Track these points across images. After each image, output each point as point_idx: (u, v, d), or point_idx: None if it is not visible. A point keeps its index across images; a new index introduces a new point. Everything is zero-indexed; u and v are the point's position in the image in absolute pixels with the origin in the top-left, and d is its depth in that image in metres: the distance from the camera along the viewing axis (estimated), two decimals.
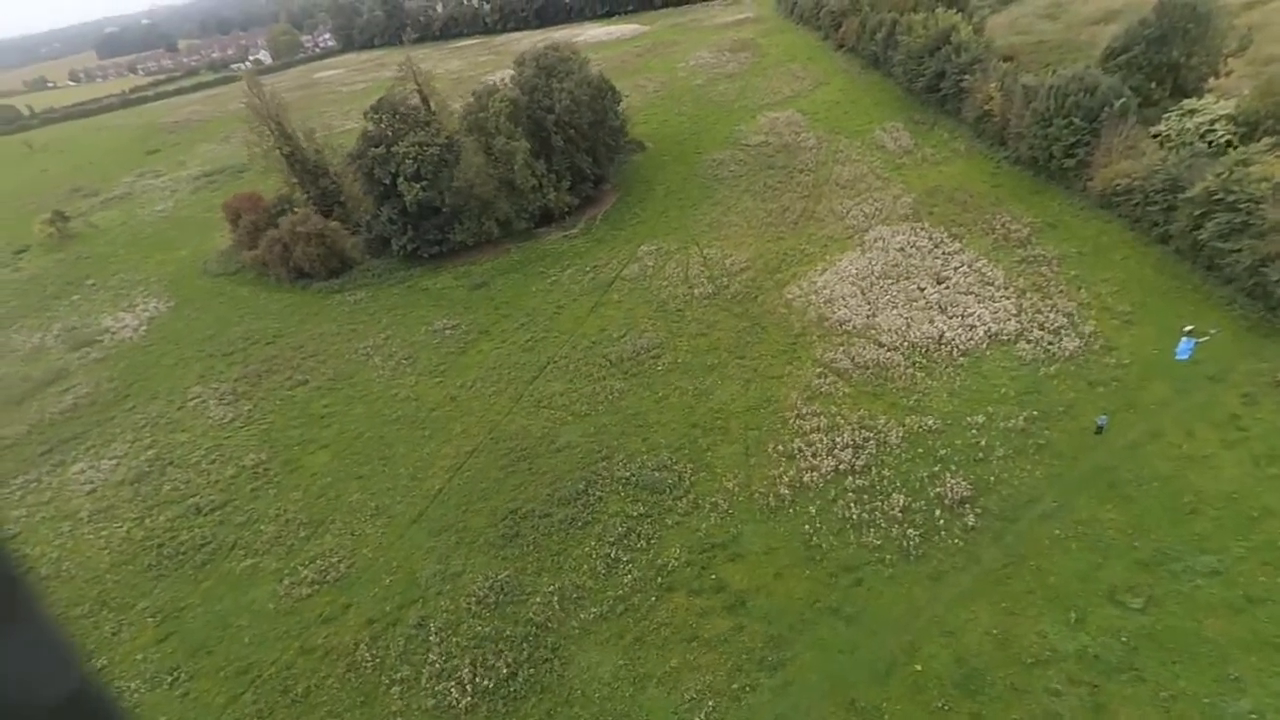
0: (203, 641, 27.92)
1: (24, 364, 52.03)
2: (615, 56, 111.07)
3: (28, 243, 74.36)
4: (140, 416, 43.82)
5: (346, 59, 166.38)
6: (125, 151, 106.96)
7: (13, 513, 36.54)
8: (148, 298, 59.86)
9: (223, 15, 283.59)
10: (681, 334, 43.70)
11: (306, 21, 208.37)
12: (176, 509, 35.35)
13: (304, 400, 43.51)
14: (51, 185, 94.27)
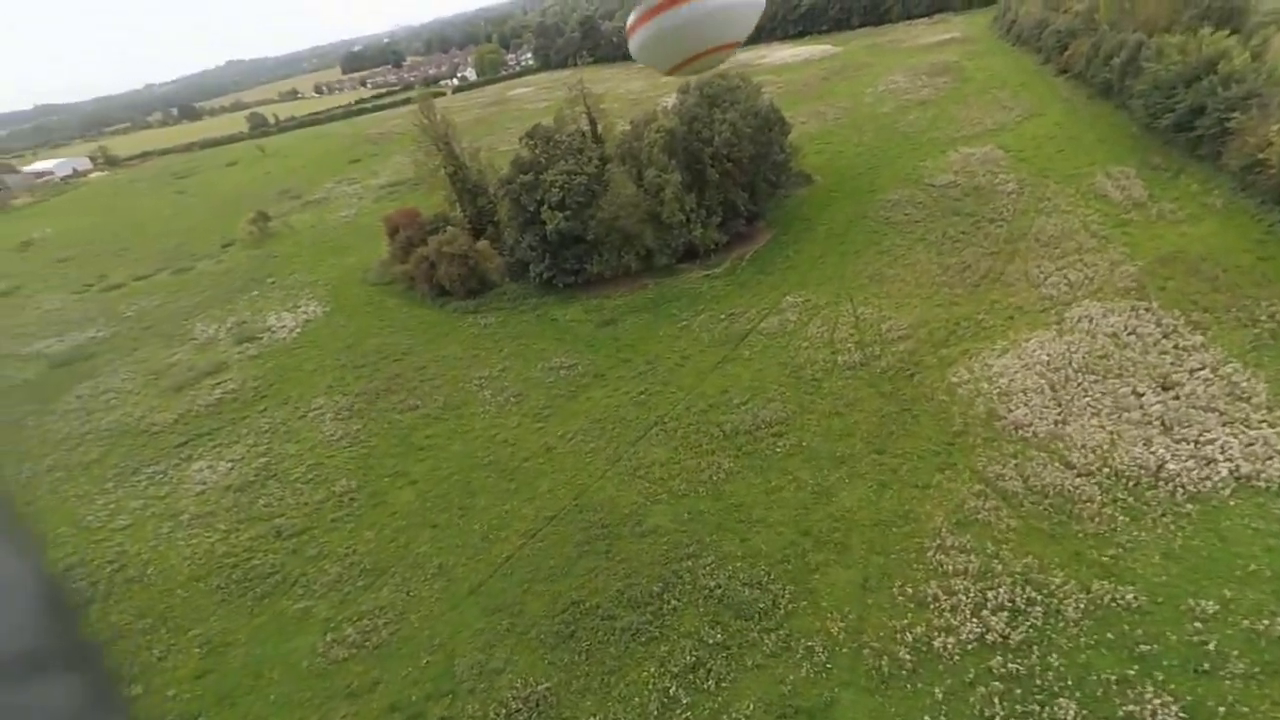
0: (232, 689, 26.59)
1: (195, 353, 57.03)
2: (797, 80, 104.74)
3: (235, 238, 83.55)
4: (266, 421, 45.46)
5: (539, 77, 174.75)
6: (333, 159, 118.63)
7: (131, 503, 38.70)
8: (310, 300, 63.72)
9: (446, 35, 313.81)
10: (813, 410, 37.16)
11: (513, 41, 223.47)
12: (262, 528, 35.29)
13: (409, 427, 42.63)
14: (268, 186, 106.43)
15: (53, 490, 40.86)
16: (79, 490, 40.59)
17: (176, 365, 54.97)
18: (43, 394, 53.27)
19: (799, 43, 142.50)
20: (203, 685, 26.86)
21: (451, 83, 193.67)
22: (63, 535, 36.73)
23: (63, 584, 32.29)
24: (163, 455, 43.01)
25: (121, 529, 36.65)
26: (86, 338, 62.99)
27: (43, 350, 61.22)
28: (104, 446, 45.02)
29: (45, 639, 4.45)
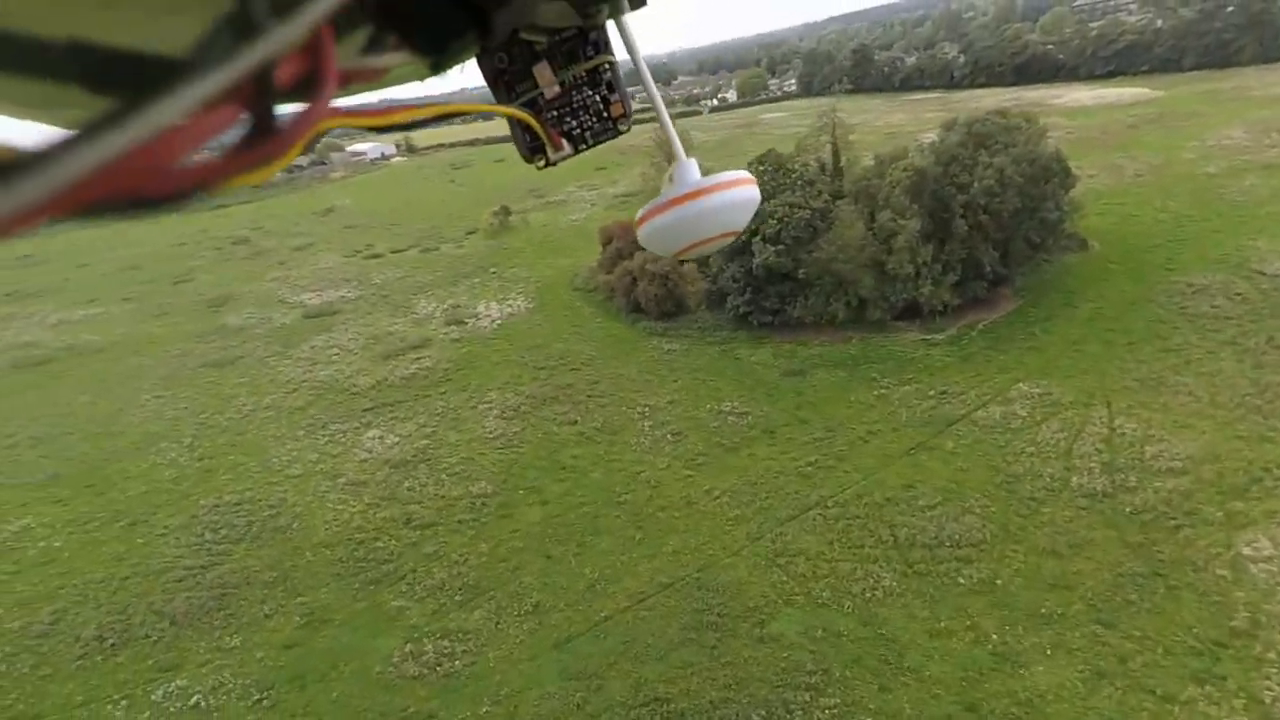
0: (307, 671, 26.33)
1: (411, 326, 61.81)
2: (1095, 126, 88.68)
3: (477, 227, 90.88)
4: (442, 404, 47.08)
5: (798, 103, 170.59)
6: (582, 165, 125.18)
7: (309, 455, 41.76)
8: (519, 295, 66.30)
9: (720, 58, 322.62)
10: (1022, 540, 28.84)
11: (780, 66, 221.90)
12: (397, 511, 35.76)
13: (561, 442, 41.21)
14: (521, 184, 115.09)
15: (260, 427, 45.89)
16: (278, 432, 45.10)
17: (392, 335, 59.96)
18: (289, 339, 61.22)
19: (1106, 83, 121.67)
20: (287, 657, 27.09)
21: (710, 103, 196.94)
22: (249, 470, 40.73)
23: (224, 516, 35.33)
24: (351, 416, 46.36)
25: (292, 477, 39.63)
26: (338, 296, 71.87)
27: (304, 301, 70.99)
28: (311, 396, 49.92)
29: None
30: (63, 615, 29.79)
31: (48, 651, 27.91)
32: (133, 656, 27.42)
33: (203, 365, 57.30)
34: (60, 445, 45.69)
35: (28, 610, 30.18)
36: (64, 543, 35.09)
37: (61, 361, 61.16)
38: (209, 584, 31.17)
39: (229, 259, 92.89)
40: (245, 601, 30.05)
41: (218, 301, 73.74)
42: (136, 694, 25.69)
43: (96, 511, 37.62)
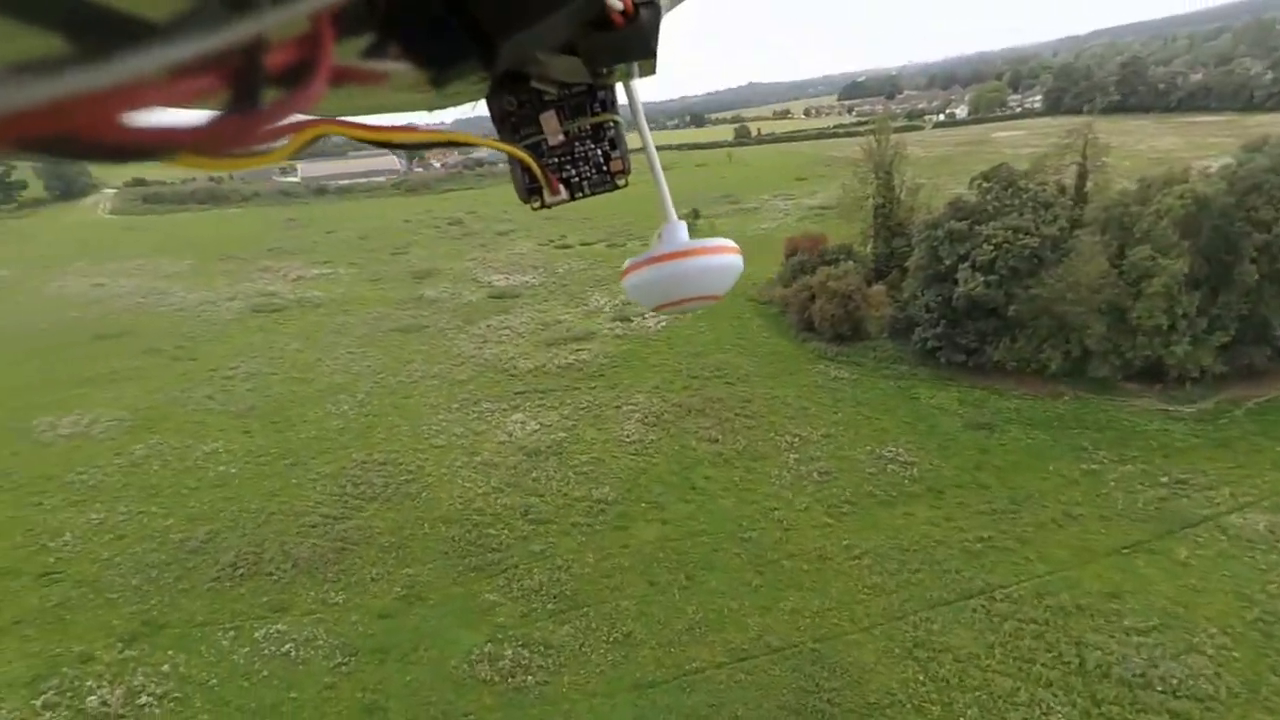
0: (391, 648, 25.90)
1: (580, 318, 62.27)
2: None
3: None
4: (589, 399, 46.22)
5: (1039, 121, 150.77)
6: (783, 173, 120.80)
7: (456, 429, 42.78)
8: None
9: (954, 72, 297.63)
10: (1275, 709, 20.87)
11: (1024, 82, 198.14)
12: (518, 500, 35.04)
13: (696, 460, 38.26)
14: (716, 189, 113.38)
15: (423, 394, 48.22)
16: (436, 400, 47.04)
17: (560, 324, 60.83)
18: (471, 316, 64.63)
19: None
20: (378, 627, 27.04)
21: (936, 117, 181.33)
22: (401, 432, 42.69)
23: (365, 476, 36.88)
24: (503, 397, 47.15)
25: (435, 447, 40.79)
26: (522, 281, 74.99)
27: (493, 282, 74.97)
28: (474, 371, 51.73)
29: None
30: (214, 537, 32.72)
31: (191, 568, 30.64)
32: (253, 590, 29.15)
33: (394, 329, 62.18)
34: (264, 383, 51.62)
35: (191, 526, 33.60)
36: (238, 470, 38.98)
37: (289, 311, 69.92)
38: (335, 535, 32.55)
39: (442, 237, 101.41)
40: (359, 561, 30.86)
41: (422, 274, 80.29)
42: (244, 627, 27.12)
43: (271, 447, 41.49)
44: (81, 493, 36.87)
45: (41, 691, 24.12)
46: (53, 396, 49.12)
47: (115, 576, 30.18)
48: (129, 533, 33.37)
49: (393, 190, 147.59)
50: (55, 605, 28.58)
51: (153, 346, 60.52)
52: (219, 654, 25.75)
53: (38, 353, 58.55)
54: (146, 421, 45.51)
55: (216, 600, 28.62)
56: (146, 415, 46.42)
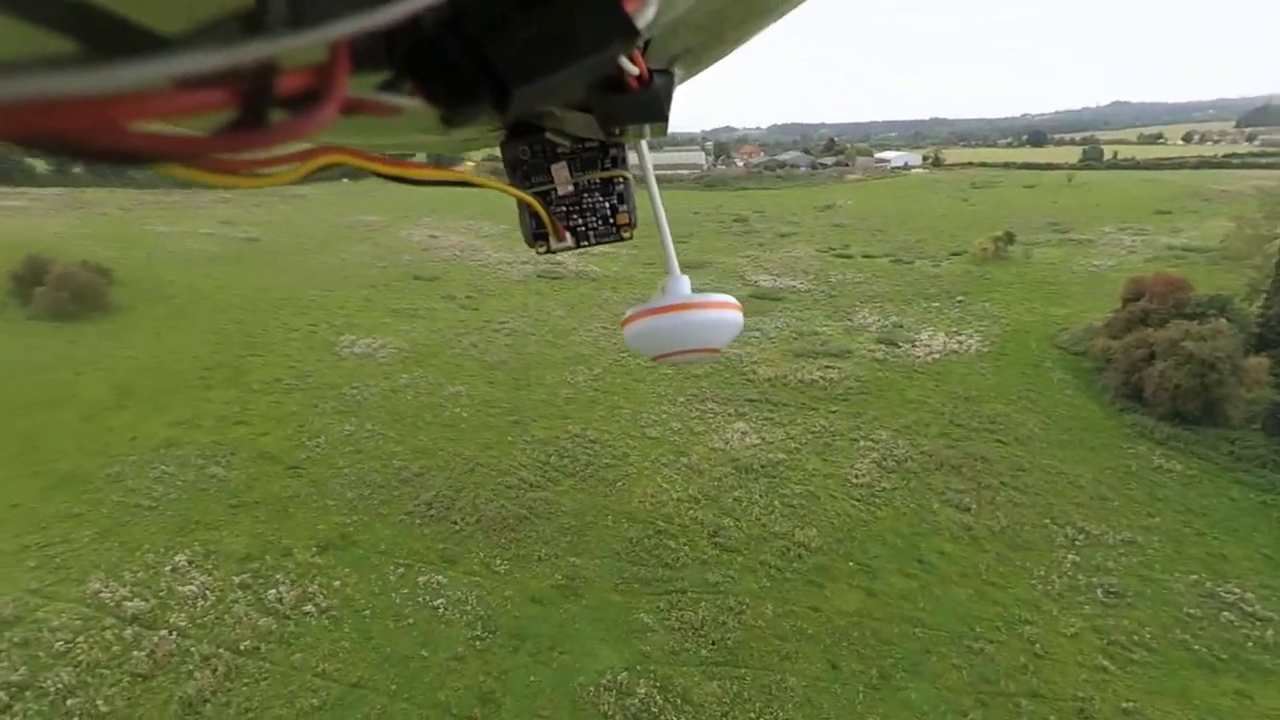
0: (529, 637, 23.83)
1: (840, 333, 55.66)
2: None
3: (965, 250, 77.97)
4: (824, 423, 40.23)
5: None
6: (1137, 205, 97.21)
7: (673, 423, 40.07)
8: (974, 333, 53.64)
9: None
10: None
11: None
12: (710, 517, 31.00)
13: (934, 528, 30.50)
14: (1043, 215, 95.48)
15: (653, 383, 46.54)
16: (664, 390, 45.00)
17: (817, 335, 55.04)
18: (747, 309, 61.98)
19: None
20: (525, 611, 25.20)
21: None
22: (620, 414, 41.39)
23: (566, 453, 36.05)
24: (731, 400, 43.41)
25: (648, 437, 38.58)
26: (788, 285, 70.18)
27: (759, 282, 71.44)
28: (710, 368, 48.74)
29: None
30: (425, 473, 34.38)
31: (396, 496, 32.36)
32: (434, 534, 29.64)
33: None
34: (521, 341, 54.75)
35: (412, 458, 35.82)
36: (469, 416, 41.07)
37: (566, 281, 74.39)
38: (523, 502, 32.00)
39: (723, 232, 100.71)
40: (534, 535, 29.75)
41: (693, 265, 79.93)
42: (413, 568, 27.46)
43: (504, 401, 43.19)
44: (347, 405, 41.94)
45: (244, 570, 26.91)
46: (364, 320, 57.86)
47: (339, 486, 33.20)
48: (365, 449, 36.79)
49: (692, 184, 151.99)
50: (288, 497, 32.23)
51: (449, 293, 68.52)
52: (383, 587, 26.33)
53: (370, 283, 70.01)
54: (417, 355, 50.90)
55: (402, 534, 29.68)
56: (420, 350, 51.97)
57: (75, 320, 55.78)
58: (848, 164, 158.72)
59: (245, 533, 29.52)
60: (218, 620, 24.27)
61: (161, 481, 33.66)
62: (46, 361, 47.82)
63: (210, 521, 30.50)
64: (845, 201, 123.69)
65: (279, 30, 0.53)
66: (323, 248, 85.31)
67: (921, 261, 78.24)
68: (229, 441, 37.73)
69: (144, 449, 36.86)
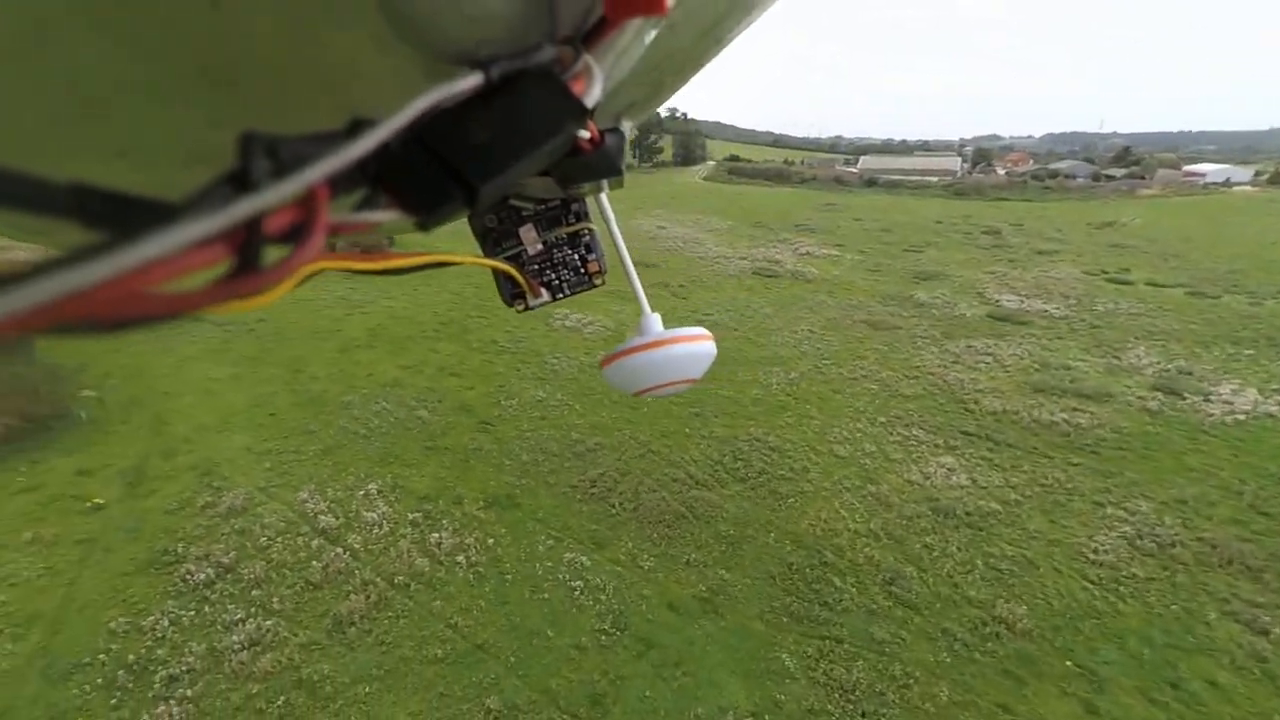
0: (656, 643, 21.94)
1: (1101, 372, 45.61)
2: None
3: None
4: (1059, 476, 32.75)
5: None
6: None
7: (865, 443, 35.57)
8: None
9: None
10: None
11: None
12: (888, 559, 26.48)
13: (1204, 644, 22.81)
14: None
15: (853, 397, 42.02)
16: (863, 406, 40.32)
17: (1066, 371, 45.74)
18: (953, 330, 54.38)
19: None
20: (658, 617, 23.31)
21: None
22: (808, 425, 37.77)
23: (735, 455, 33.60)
24: (942, 430, 37.49)
25: (835, 455, 34.57)
26: (1040, 308, 59.70)
27: (1001, 301, 61.78)
28: (922, 389, 42.78)
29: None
30: (597, 449, 34.12)
31: (564, 467, 32.38)
32: (589, 513, 29.04)
33: (863, 320, 56.88)
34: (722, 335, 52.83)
35: (590, 433, 35.83)
36: (653, 401, 40.30)
37: (780, 280, 71.09)
38: (685, 499, 30.22)
39: (968, 244, 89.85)
40: (688, 536, 27.82)
41: (924, 276, 72.13)
42: (562, 542, 27.01)
43: (689, 391, 41.78)
44: (545, 373, 43.53)
45: (419, 509, 28.55)
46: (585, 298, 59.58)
47: (518, 447, 34.22)
48: (548, 417, 37.65)
49: (941, 190, 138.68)
50: (473, 449, 33.89)
51: (663, 281, 68.90)
52: (530, 555, 26.25)
53: None
54: (619, 336, 51.48)
55: (561, 506, 29.55)
56: (623, 331, 52.51)
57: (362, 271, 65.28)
58: (1143, 176, 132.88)
59: (430, 475, 31.50)
60: (383, 550, 25.91)
61: (379, 415, 37.38)
62: (329, 302, 56.28)
63: (405, 458, 33.08)
64: (1131, 219, 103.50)
65: (266, 181, 0.57)
66: None
67: (1233, 296, 62.24)
68: (440, 389, 40.99)
69: (375, 385, 41.38)
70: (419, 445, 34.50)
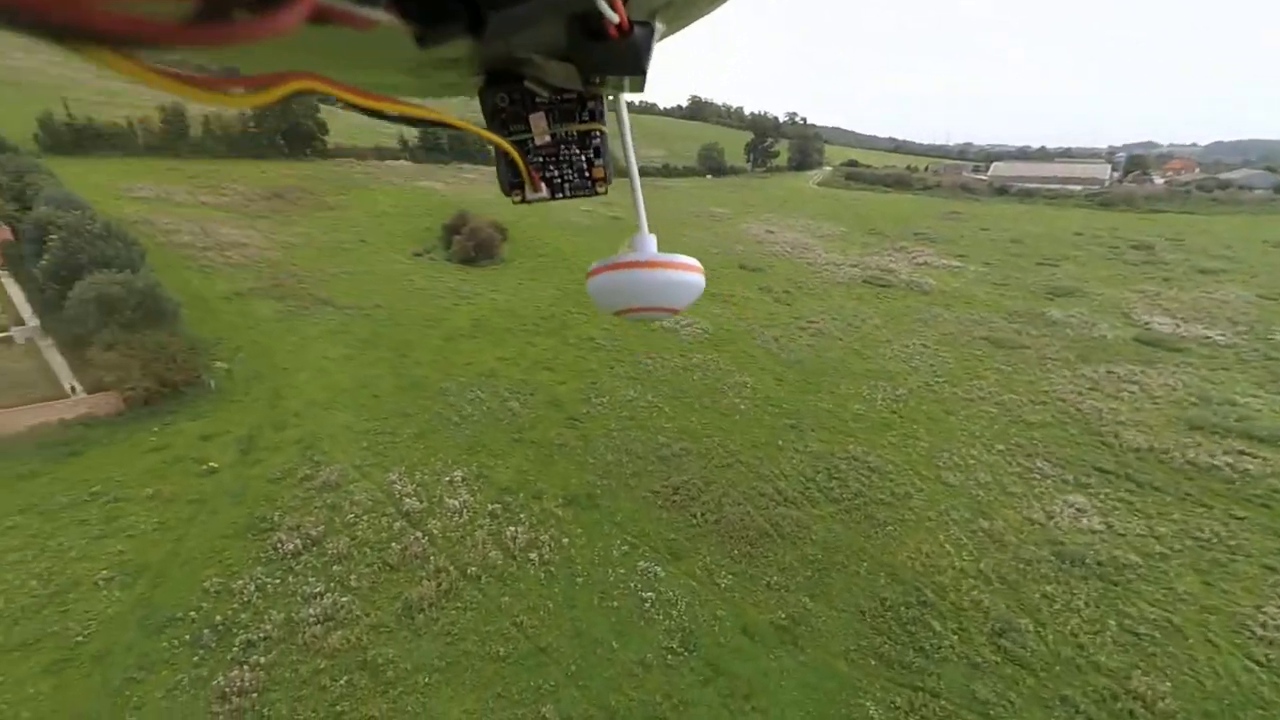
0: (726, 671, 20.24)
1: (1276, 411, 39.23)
2: None
3: None
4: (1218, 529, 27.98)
5: None
6: None
7: (979, 472, 32.15)
8: None
9: None
10: None
11: None
12: (999, 607, 23.45)
13: None
14: None
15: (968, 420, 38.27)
16: (978, 430, 36.56)
17: (1228, 407, 39.33)
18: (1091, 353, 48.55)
19: None
20: (732, 641, 21.72)
21: None
22: (916, 447, 34.69)
23: None
24: (1072, 465, 33.27)
25: (943, 483, 31.46)
26: (1197, 334, 51.95)
27: (1152, 324, 54.65)
28: (1050, 418, 38.28)
29: None
30: (683, 455, 32.83)
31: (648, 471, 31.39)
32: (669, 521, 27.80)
33: (984, 338, 52.23)
34: (824, 344, 50.21)
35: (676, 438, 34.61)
36: (747, 409, 38.51)
37: (893, 290, 66.88)
38: (771, 516, 28.36)
39: (1112, 259, 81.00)
40: (772, 557, 25.97)
41: (1058, 292, 65.53)
42: (637, 549, 25.94)
43: (787, 402, 39.65)
44: (638, 373, 42.78)
45: (499, 500, 28.42)
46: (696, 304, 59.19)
47: (603, 446, 33.55)
48: (636, 417, 36.76)
49: (1084, 200, 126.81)
50: (559, 444, 33.54)
51: (768, 285, 66.61)
52: (603, 559, 25.37)
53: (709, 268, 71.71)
54: (717, 339, 49.95)
55: (640, 510, 28.49)
56: (721, 335, 50.97)
57: (473, 264, 67.35)
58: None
59: (513, 467, 31.42)
60: (460, 539, 25.88)
61: (472, 404, 37.94)
62: (440, 292, 58.36)
63: (492, 448, 33.24)
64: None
65: None
66: (668, 230, 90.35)
67: None
68: (533, 382, 41.16)
69: (472, 374, 42.17)
70: (507, 436, 34.59)
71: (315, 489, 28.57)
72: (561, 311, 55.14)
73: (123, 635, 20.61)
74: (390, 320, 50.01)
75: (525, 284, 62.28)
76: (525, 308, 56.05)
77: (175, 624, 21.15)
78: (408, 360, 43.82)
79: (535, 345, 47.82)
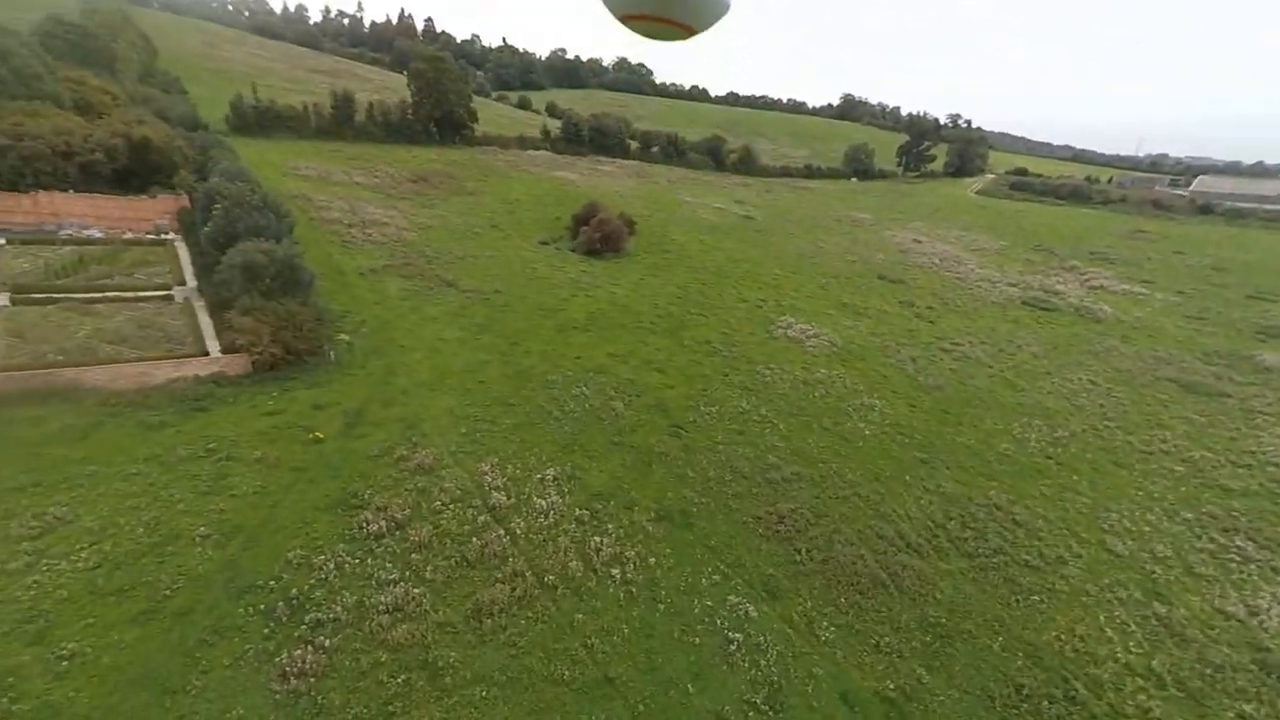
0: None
1: None
2: None
3: None
4: None
5: None
6: None
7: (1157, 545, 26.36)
8: None
9: None
10: None
11: None
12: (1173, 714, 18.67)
13: None
14: None
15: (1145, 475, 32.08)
16: (1156, 490, 30.44)
17: None
18: None
19: None
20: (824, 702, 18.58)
21: None
22: (1074, 501, 29.27)
23: None
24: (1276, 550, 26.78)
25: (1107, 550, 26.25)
26: None
27: None
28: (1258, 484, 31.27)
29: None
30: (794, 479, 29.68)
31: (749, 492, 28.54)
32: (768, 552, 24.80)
33: (1170, 379, 44.37)
34: (970, 370, 44.73)
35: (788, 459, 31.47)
36: (872, 435, 34.54)
37: (1059, 315, 59.03)
38: (888, 562, 24.65)
39: None
40: (887, 613, 22.34)
41: (1272, 333, 55.02)
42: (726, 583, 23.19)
43: (920, 431, 35.24)
44: (754, 384, 39.98)
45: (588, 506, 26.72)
46: (808, 306, 55.45)
47: (706, 460, 31.06)
48: (746, 432, 33.89)
49: (1263, 221, 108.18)
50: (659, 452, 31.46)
51: (909, 299, 60.99)
52: (691, 587, 22.89)
53: (832, 273, 67.32)
54: (845, 354, 45.81)
55: (739, 536, 25.72)
56: (850, 349, 46.75)
57: (598, 256, 66.85)
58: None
59: (608, 472, 29.69)
60: (542, 543, 24.40)
61: (576, 399, 36.68)
62: (561, 282, 58.11)
63: (589, 448, 31.70)
64: None
65: None
66: (805, 234, 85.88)
67: None
68: (640, 383, 39.35)
69: (580, 368, 41.03)
70: (606, 437, 32.95)
71: (409, 471, 28.25)
72: (680, 311, 53.04)
73: (207, 594, 20.82)
74: (507, 306, 50.08)
75: (646, 279, 60.69)
76: (643, 304, 54.40)
77: (255, 590, 21.13)
78: (518, 349, 43.38)
79: (648, 344, 45.98)
